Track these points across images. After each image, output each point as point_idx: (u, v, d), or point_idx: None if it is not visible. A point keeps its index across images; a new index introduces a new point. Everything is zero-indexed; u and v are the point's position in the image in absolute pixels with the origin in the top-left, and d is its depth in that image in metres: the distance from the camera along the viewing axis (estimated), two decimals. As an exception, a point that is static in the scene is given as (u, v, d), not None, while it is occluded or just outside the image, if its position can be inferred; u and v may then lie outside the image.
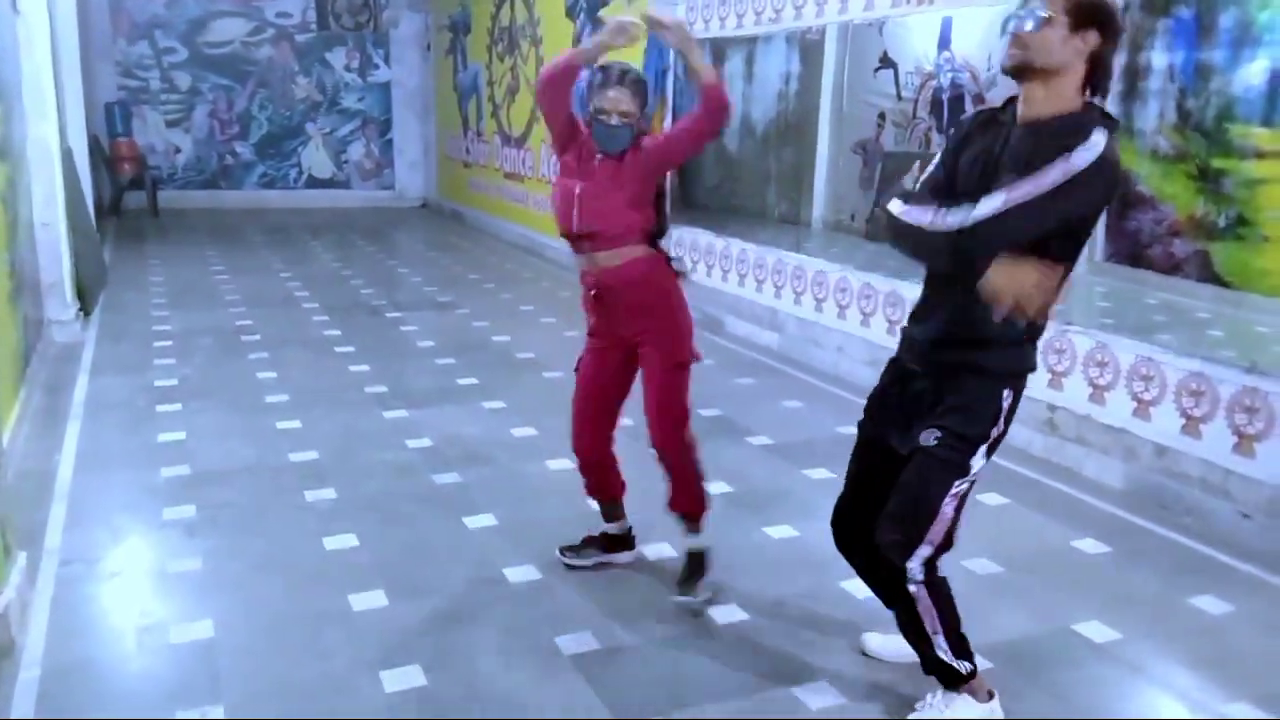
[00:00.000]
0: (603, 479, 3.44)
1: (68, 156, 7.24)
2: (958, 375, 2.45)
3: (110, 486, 4.13)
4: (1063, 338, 4.62)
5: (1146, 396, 4.24)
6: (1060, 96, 2.28)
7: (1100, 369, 4.43)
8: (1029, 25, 2.24)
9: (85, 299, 6.85)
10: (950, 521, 2.52)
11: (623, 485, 3.48)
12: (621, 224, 3.09)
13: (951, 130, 2.61)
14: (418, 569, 3.43)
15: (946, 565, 2.64)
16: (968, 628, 2.64)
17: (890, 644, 2.92)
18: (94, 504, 3.94)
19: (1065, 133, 2.22)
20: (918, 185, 2.44)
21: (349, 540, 3.65)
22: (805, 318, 6.47)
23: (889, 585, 2.66)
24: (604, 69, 3.09)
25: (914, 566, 2.52)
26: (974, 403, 2.44)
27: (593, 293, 3.21)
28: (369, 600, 3.23)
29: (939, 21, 6.59)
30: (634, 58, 8.07)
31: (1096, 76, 2.29)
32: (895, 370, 2.62)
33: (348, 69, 14.32)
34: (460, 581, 3.36)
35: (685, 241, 7.91)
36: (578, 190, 3.09)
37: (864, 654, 3.00)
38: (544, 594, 3.31)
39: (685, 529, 3.36)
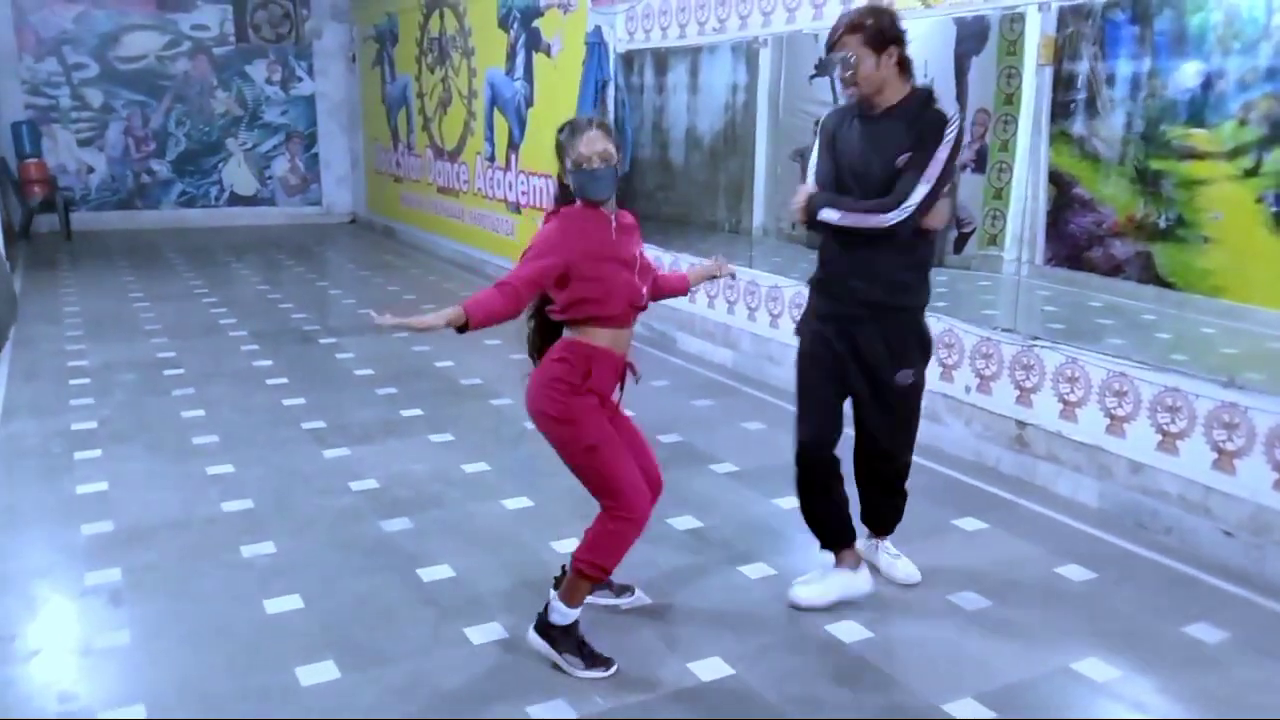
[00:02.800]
0: None
1: (-30, 182, 6.77)
2: (898, 317, 3.19)
3: (26, 548, 3.77)
4: (1030, 353, 4.50)
5: (1120, 412, 4.13)
6: (897, 91, 3.07)
7: (1071, 384, 4.32)
8: (846, 71, 3.03)
9: (-7, 335, 6.38)
10: None
11: None
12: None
13: (820, 131, 3.29)
14: (370, 633, 3.16)
15: (932, 602, 3.41)
16: (964, 671, 2.99)
17: (815, 591, 3.34)
18: (8, 570, 3.58)
19: (927, 115, 3.03)
20: (817, 183, 3.23)
21: (292, 601, 3.36)
22: (760, 334, 6.30)
23: (840, 508, 3.41)
24: (569, 125, 2.94)
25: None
26: (910, 333, 3.23)
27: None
28: (318, 673, 2.94)
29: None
30: (575, 63, 7.85)
31: (907, 68, 3.07)
32: (832, 320, 3.23)
33: (269, 82, 13.84)
34: (418, 645, 3.09)
35: (630, 256, 7.70)
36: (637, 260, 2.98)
37: (795, 608, 3.31)
38: (511, 656, 3.06)
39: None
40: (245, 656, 3.03)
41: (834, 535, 3.40)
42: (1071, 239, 6.45)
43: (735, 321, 6.56)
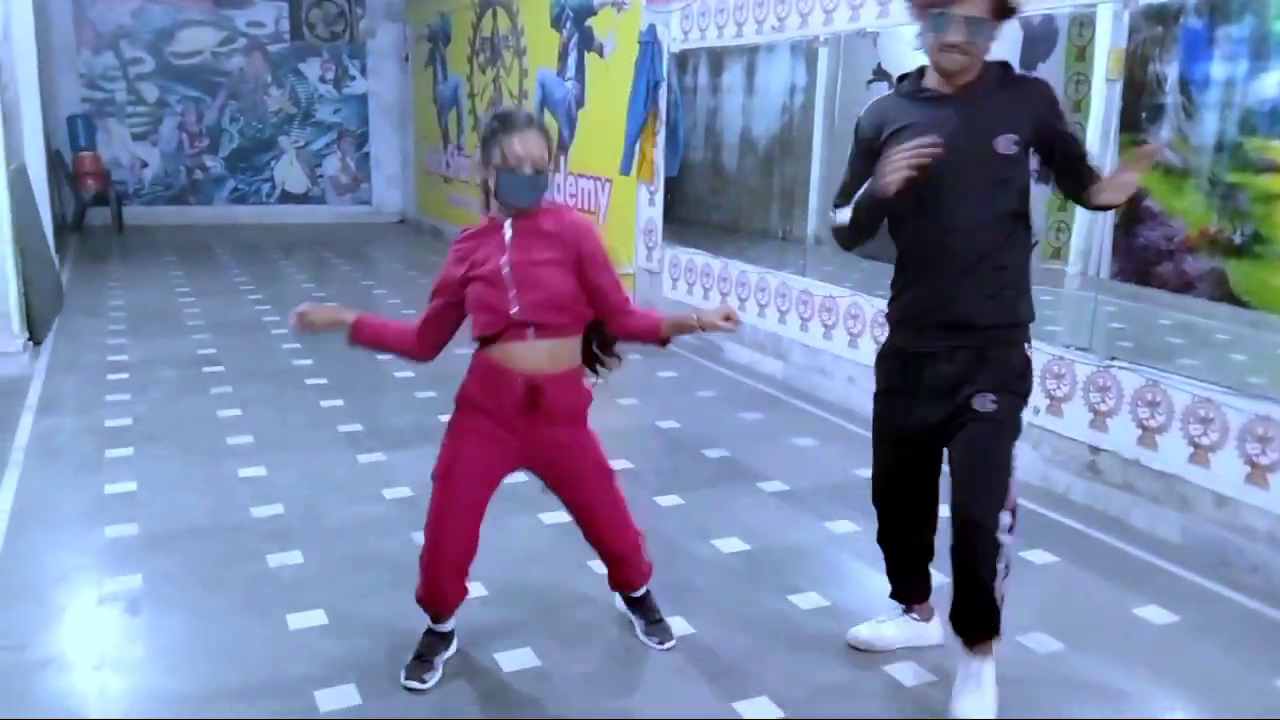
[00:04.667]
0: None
1: (20, 174, 6.74)
2: (989, 346, 2.64)
3: (47, 551, 3.64)
4: (1106, 374, 4.21)
5: (1205, 441, 3.83)
6: (977, 68, 2.59)
7: (1151, 409, 4.03)
8: (966, 38, 2.49)
9: (35, 327, 6.34)
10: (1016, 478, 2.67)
11: None
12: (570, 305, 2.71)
13: (858, 133, 2.82)
14: (395, 656, 2.96)
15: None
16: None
17: (882, 632, 3.03)
18: (27, 573, 3.46)
19: (1028, 87, 2.64)
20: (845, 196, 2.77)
21: (317, 618, 3.18)
22: (812, 345, 6.05)
23: (920, 562, 2.99)
24: (502, 117, 2.64)
25: (1004, 523, 2.62)
26: (1005, 357, 2.66)
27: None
28: (338, 697, 2.76)
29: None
30: (627, 64, 7.67)
31: None
32: (902, 359, 2.75)
33: (323, 80, 13.84)
34: (445, 672, 2.89)
35: (680, 262, 7.49)
36: (504, 269, 2.64)
37: (853, 648, 3.03)
38: (542, 685, 2.86)
39: (629, 590, 3.10)
40: (263, 676, 2.86)
41: (903, 585, 3.05)
42: (1140, 253, 6.12)
43: (786, 332, 6.33)
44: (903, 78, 2.76)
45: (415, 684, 2.79)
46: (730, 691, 2.83)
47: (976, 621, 2.71)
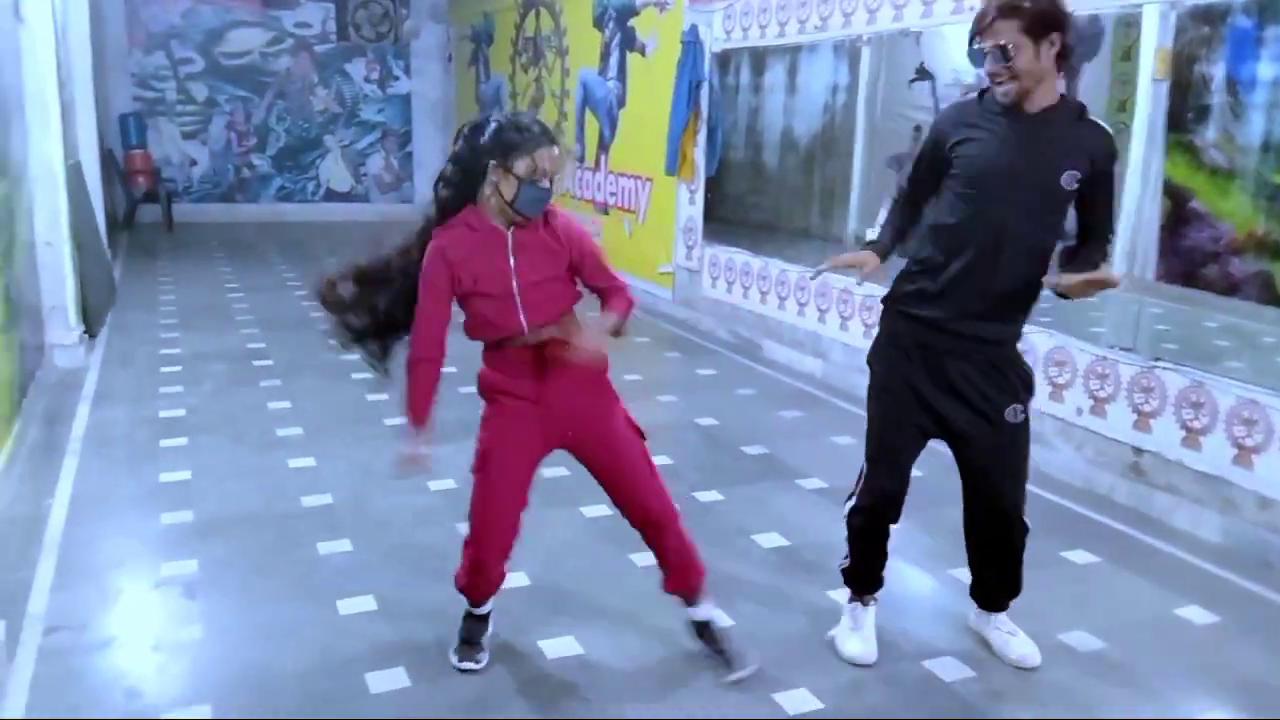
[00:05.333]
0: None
1: (75, 171, 6.91)
2: (1003, 353, 2.78)
3: (105, 536, 3.76)
4: (1151, 375, 4.20)
5: (1249, 442, 3.81)
6: (1052, 90, 2.61)
7: (1195, 410, 4.01)
8: (1000, 64, 2.53)
9: (90, 321, 6.51)
10: None
11: None
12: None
13: (933, 131, 2.81)
14: (443, 642, 3.03)
15: (1040, 640, 3.05)
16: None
17: (865, 645, 3.02)
18: (86, 558, 3.57)
19: (1098, 135, 2.63)
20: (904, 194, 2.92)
21: (366, 603, 3.27)
22: (852, 344, 6.07)
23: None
24: (522, 128, 2.59)
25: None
26: (1017, 366, 2.80)
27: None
28: (388, 680, 2.84)
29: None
30: (669, 63, 7.71)
31: (1067, 59, 2.59)
32: (921, 354, 2.79)
33: (367, 80, 14.02)
34: (489, 658, 2.96)
35: (719, 261, 7.53)
36: (515, 292, 2.64)
37: (853, 664, 2.98)
38: (587, 673, 2.92)
39: (687, 603, 2.97)
40: (315, 659, 2.94)
41: (877, 582, 3.08)
42: (1186, 255, 6.05)
43: (826, 330, 6.34)
44: (984, 91, 2.73)
45: (470, 664, 2.88)
46: (770, 683, 2.87)
47: (1009, 590, 3.03)
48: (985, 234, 2.65)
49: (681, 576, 2.92)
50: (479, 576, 2.86)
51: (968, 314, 2.71)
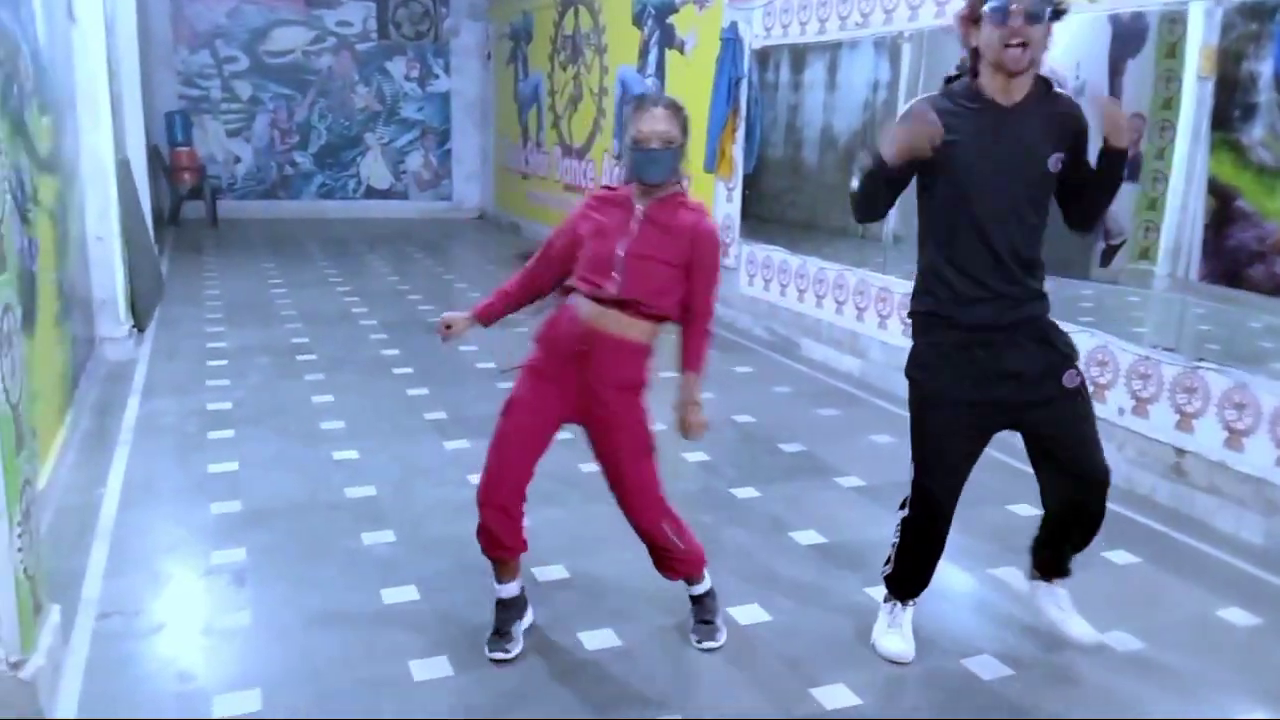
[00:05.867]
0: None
1: (124, 167, 7.06)
2: (1037, 322, 2.74)
3: (156, 524, 3.85)
4: (1194, 375, 4.16)
5: (1295, 444, 3.77)
6: (1028, 79, 2.62)
7: (1239, 411, 3.98)
8: (1028, 25, 2.49)
9: (139, 315, 6.65)
10: None
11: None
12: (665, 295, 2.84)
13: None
14: (484, 632, 3.08)
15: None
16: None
17: (904, 643, 3.01)
18: (137, 545, 3.67)
19: (1065, 105, 2.65)
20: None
21: (409, 593, 3.33)
22: (891, 343, 6.06)
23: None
24: (637, 99, 2.89)
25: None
26: (1057, 331, 2.79)
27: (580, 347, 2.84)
28: (432, 668, 2.89)
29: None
30: (708, 61, 7.72)
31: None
32: (963, 344, 2.75)
33: (407, 78, 14.16)
34: (531, 650, 3.01)
35: (756, 259, 7.54)
36: (619, 254, 2.79)
37: (892, 662, 2.98)
38: (624, 666, 2.96)
39: (687, 583, 3.09)
40: (361, 646, 3.00)
41: (924, 586, 3.06)
42: (1230, 255, 5.99)
43: (864, 329, 6.34)
44: (952, 79, 2.75)
45: (500, 654, 2.92)
46: (808, 678, 2.89)
47: (1079, 551, 3.02)
48: (989, 234, 2.66)
49: (672, 573, 3.04)
50: (487, 517, 2.88)
51: (1005, 302, 2.70)
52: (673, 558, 2.98)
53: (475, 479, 4.30)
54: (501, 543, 2.90)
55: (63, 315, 4.84)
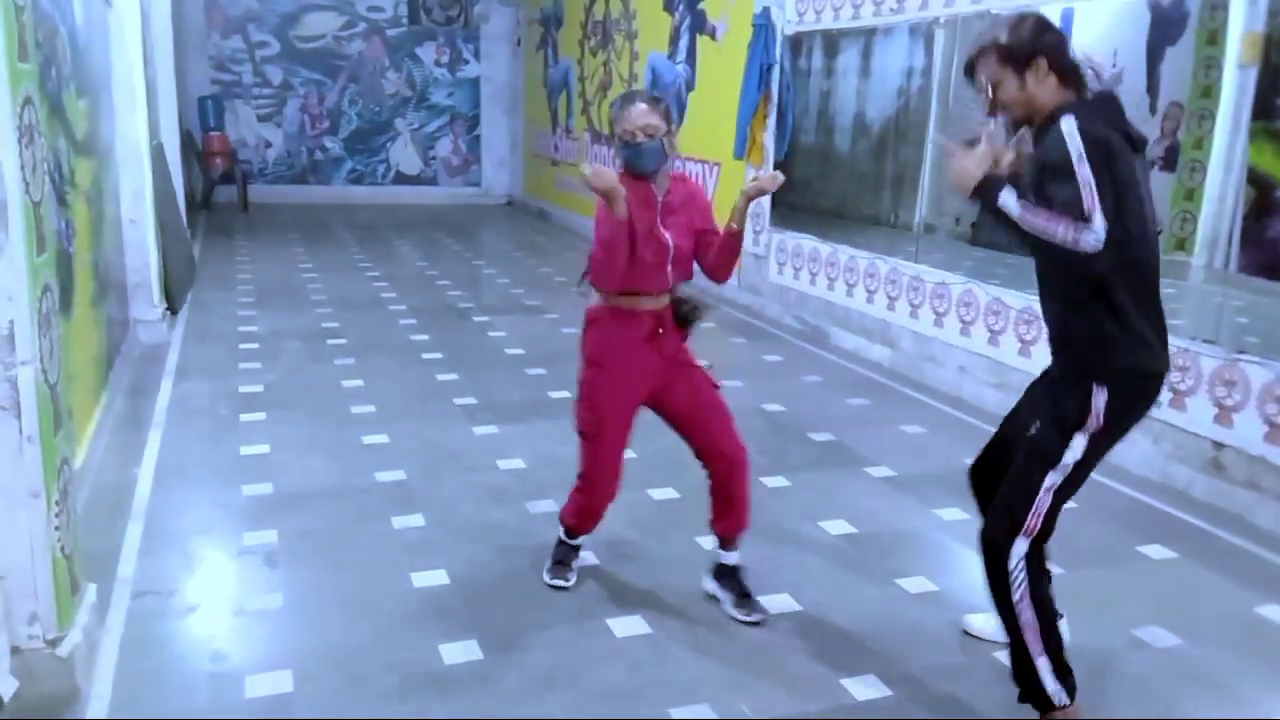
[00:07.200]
0: None
1: (158, 151, 7.11)
2: (1056, 372, 2.60)
3: (189, 505, 3.89)
4: (1234, 368, 4.10)
5: (1337, 439, 3.71)
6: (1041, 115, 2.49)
7: (1279, 405, 3.91)
8: (987, 97, 2.52)
9: (172, 297, 6.70)
10: (1046, 511, 2.53)
11: None
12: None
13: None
14: (513, 617, 3.10)
15: (1114, 634, 3.03)
16: (1149, 714, 2.63)
17: (993, 623, 2.75)
18: (171, 525, 3.70)
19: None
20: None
21: (439, 577, 3.34)
22: (922, 332, 6.01)
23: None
24: (620, 97, 3.03)
25: (1015, 554, 2.53)
26: (1060, 394, 2.52)
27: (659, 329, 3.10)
28: (461, 652, 2.90)
29: (1057, 13, 6.06)
30: (740, 47, 7.67)
31: (1072, 77, 2.46)
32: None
33: (437, 64, 14.17)
34: (560, 633, 3.02)
35: (786, 247, 7.49)
36: (670, 250, 3.02)
37: (967, 634, 3.04)
38: (653, 652, 2.95)
39: (724, 546, 3.21)
40: (391, 629, 3.02)
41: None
42: (1270, 246, 5.89)
43: (895, 318, 6.28)
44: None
45: (560, 582, 3.27)
46: (838, 668, 2.87)
47: None
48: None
49: (736, 519, 3.16)
50: (589, 520, 3.25)
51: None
52: (741, 497, 3.13)
53: (505, 464, 4.37)
54: (594, 528, 3.29)
55: (98, 297, 4.89)
